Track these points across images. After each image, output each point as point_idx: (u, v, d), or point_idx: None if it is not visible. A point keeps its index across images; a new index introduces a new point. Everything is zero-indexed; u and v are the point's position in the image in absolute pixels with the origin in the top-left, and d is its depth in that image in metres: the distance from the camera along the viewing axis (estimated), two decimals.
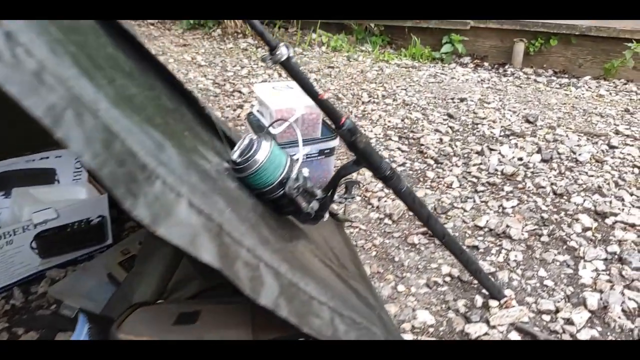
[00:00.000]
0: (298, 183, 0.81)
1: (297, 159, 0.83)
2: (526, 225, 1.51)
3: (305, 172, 0.90)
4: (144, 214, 0.45)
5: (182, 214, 0.49)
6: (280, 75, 2.96)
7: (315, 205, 0.88)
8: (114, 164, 0.43)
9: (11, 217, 1.29)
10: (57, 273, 1.31)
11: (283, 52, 0.69)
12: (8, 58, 0.37)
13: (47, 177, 1.33)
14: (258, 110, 1.78)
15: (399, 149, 2.00)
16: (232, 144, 0.88)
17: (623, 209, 1.57)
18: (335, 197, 0.94)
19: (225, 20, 3.98)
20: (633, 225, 1.49)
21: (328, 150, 1.67)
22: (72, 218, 1.28)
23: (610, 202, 1.61)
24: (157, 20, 4.16)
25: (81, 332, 0.68)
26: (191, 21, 3.94)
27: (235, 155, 0.79)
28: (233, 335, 0.68)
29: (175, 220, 0.48)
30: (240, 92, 2.64)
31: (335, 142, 1.66)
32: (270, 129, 1.64)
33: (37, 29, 0.43)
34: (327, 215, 0.91)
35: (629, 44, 2.84)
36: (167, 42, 3.61)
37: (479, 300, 1.22)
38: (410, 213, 1.59)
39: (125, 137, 0.46)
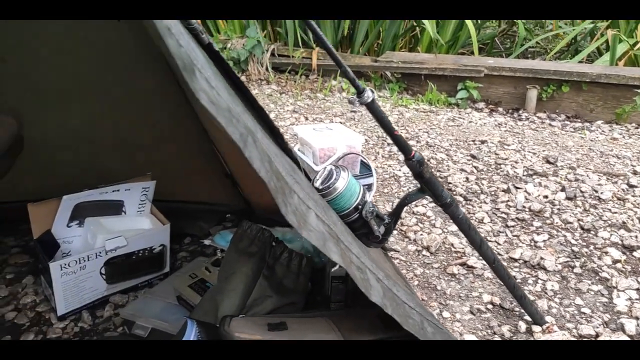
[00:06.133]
0: (372, 208, 0.91)
1: (371, 186, 0.94)
2: (559, 257, 1.60)
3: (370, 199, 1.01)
4: (292, 219, 0.55)
5: (313, 222, 0.60)
6: (306, 119, 3.12)
7: (382, 229, 0.98)
8: (275, 178, 0.54)
9: (83, 245, 1.39)
10: (120, 298, 1.40)
11: (369, 95, 0.81)
12: (213, 97, 0.49)
13: (116, 208, 1.44)
14: (299, 150, 1.91)
15: None
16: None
17: None
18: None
19: (249, 68, 4.21)
20: None
21: (367, 186, 1.78)
22: (137, 246, 1.38)
23: (636, 236, 1.70)
24: None
25: (190, 334, 0.77)
26: None
27: (317, 183, 0.90)
28: (324, 338, 0.77)
29: (311, 227, 0.58)
30: None
31: (373, 179, 1.77)
32: (314, 166, 1.77)
33: (216, 75, 0.55)
34: (393, 234, 1.01)
35: (639, 90, 3.00)
36: None
37: (522, 326, 1.29)
38: (447, 245, 1.68)
39: (274, 159, 0.57)
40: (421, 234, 1.74)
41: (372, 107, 0.83)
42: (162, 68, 1.29)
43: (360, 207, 0.91)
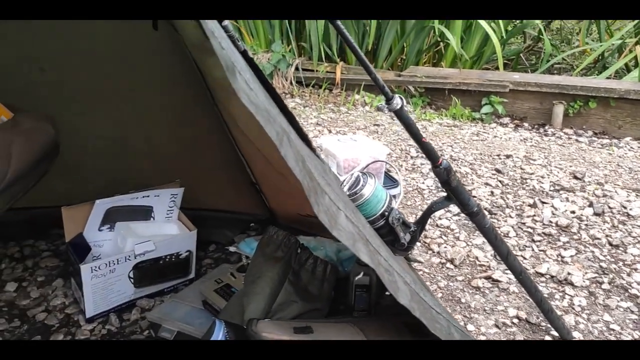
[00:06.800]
0: (398, 215, 0.92)
1: (396, 195, 0.95)
2: (586, 273, 1.57)
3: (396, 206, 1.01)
4: (324, 219, 0.57)
5: (343, 223, 0.61)
6: (330, 131, 3.15)
7: (408, 237, 0.98)
8: (308, 178, 0.56)
9: (113, 249, 1.42)
10: (147, 302, 1.43)
11: (397, 102, 0.83)
12: (252, 98, 0.51)
13: (145, 213, 1.48)
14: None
15: None
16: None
17: None
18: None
19: (274, 81, 4.28)
20: None
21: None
22: (165, 251, 1.41)
23: None
24: None
25: (219, 334, 0.78)
26: None
27: (345, 189, 0.91)
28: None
29: (341, 227, 0.60)
30: None
31: (397, 190, 1.77)
32: (339, 175, 1.78)
33: (253, 78, 0.57)
34: (415, 247, 1.02)
35: None
36: None
37: None
38: (471, 258, 1.67)
39: (306, 160, 0.59)
40: (445, 247, 1.73)
41: (400, 114, 0.84)
42: (193, 78, 1.34)
43: (386, 213, 0.92)
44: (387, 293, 1.38)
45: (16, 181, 1.22)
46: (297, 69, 4.24)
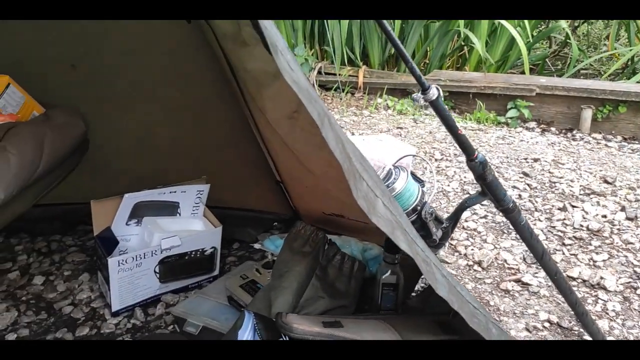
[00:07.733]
0: (431, 210, 0.90)
1: (429, 190, 0.93)
2: (620, 278, 1.52)
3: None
4: (363, 204, 0.55)
5: (381, 210, 0.59)
6: (352, 134, 3.13)
7: (439, 233, 0.96)
8: (347, 161, 0.55)
9: (140, 244, 1.43)
10: (172, 298, 1.43)
11: (434, 92, 0.81)
12: (295, 77, 0.50)
13: (171, 209, 1.48)
14: None
15: None
16: None
17: None
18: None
19: None
20: None
21: None
22: (190, 247, 1.41)
23: None
24: None
25: (248, 325, 0.77)
26: None
27: None
28: (382, 337, 0.75)
29: (379, 213, 0.58)
30: None
31: (425, 188, 1.75)
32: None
33: (293, 58, 0.56)
34: (447, 244, 0.99)
35: None
36: None
37: None
38: (500, 261, 1.63)
39: (345, 144, 0.58)
40: (472, 249, 1.70)
41: (436, 105, 0.83)
42: (219, 75, 1.34)
43: (418, 208, 0.90)
44: (412, 294, 1.36)
45: (47, 174, 1.23)
46: (319, 72, 4.24)
